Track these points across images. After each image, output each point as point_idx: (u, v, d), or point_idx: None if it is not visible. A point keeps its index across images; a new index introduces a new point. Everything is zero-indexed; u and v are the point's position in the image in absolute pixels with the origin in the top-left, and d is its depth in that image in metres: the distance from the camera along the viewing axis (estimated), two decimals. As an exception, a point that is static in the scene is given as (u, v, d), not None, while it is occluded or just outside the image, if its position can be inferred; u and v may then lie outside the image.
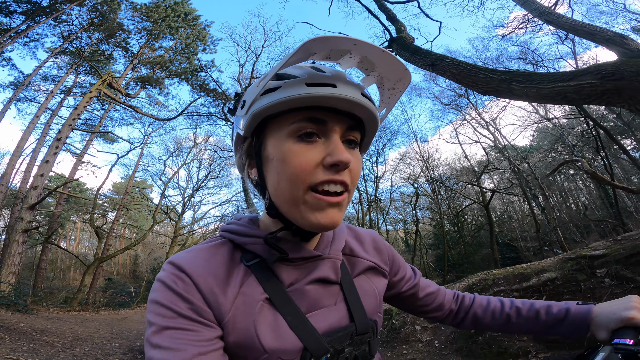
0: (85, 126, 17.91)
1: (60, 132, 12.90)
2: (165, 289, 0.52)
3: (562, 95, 3.61)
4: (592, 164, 15.60)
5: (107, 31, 14.80)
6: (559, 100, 3.78)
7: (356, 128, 0.56)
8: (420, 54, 5.73)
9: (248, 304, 0.54)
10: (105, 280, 20.64)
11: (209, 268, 0.55)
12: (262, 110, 0.52)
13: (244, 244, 0.60)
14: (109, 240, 17.65)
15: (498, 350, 3.66)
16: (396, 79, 0.59)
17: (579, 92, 3.45)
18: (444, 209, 20.18)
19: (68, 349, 5.48)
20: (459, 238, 19.45)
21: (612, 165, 11.46)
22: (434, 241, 23.11)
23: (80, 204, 21.15)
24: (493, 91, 4.48)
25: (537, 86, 3.84)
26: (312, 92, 0.50)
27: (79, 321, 8.91)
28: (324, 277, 0.61)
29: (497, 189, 17.20)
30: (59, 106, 16.28)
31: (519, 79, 4.09)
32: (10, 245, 10.58)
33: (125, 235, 29.26)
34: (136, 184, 25.31)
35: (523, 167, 15.37)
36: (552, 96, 3.73)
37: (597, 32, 4.75)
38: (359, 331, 0.62)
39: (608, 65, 3.39)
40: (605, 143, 12.54)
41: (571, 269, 4.37)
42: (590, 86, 3.34)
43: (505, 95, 4.50)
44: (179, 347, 0.47)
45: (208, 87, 16.67)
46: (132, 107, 14.67)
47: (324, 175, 0.51)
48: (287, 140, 0.53)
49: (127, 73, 16.21)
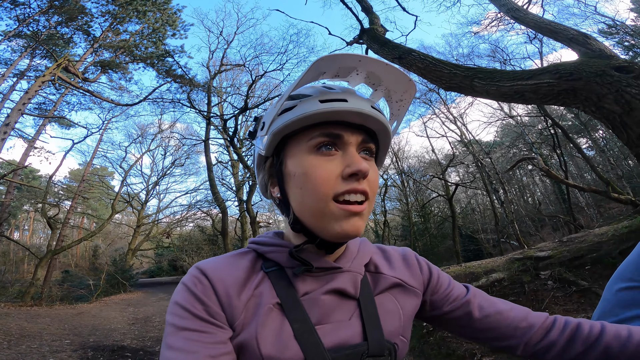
0: (38, 111, 16.59)
1: (9, 116, 11.83)
2: (185, 290, 0.54)
3: (520, 94, 3.64)
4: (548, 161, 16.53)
5: (68, 14, 13.70)
6: (517, 99, 3.80)
7: (370, 140, 0.58)
8: (388, 47, 5.74)
9: (257, 307, 0.55)
10: (62, 273, 19.50)
11: (229, 273, 0.57)
12: (281, 129, 0.56)
13: (266, 252, 0.61)
14: (65, 231, 16.64)
15: (447, 352, 3.74)
16: (402, 91, 0.62)
17: (537, 92, 3.48)
18: (411, 200, 20.73)
19: (14, 346, 5.22)
20: (425, 230, 20.09)
21: (567, 163, 12.14)
22: (402, 232, 23.78)
23: (32, 193, 19.75)
24: (456, 87, 4.51)
25: (497, 84, 3.84)
26: (326, 108, 0.53)
27: (29, 317, 8.38)
28: (340, 289, 0.59)
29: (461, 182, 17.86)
30: (11, 90, 14.94)
31: (481, 76, 4.11)
32: (-51, 238, 9.70)
33: (84, 226, 27.78)
34: (95, 171, 23.91)
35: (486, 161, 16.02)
36: (511, 94, 3.76)
37: (561, 30, 4.79)
38: (372, 352, 0.56)
39: (567, 65, 3.42)
40: (562, 141, 13.28)
41: (517, 269, 4.56)
42: (548, 86, 3.36)
43: (467, 92, 4.54)
44: (191, 349, 0.48)
45: (175, 73, 15.90)
46: (89, 92, 13.71)
47: (345, 186, 0.53)
48: (307, 155, 0.55)
49: (86, 57, 15.13)
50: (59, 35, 14.60)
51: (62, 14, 13.78)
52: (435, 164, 20.17)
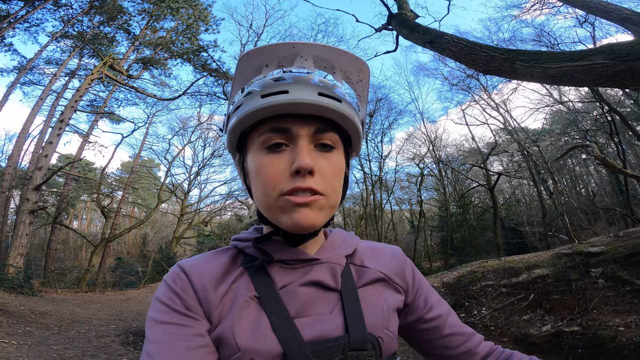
0: (90, 107, 18.02)
1: (63, 113, 12.95)
2: (165, 286, 0.55)
3: (570, 75, 3.34)
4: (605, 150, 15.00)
5: (108, 14, 14.65)
6: (566, 81, 3.51)
7: (329, 130, 0.56)
8: (418, 31, 5.46)
9: (234, 299, 0.54)
10: (115, 260, 21.16)
11: (207, 268, 0.57)
12: (233, 127, 0.56)
13: (244, 248, 0.62)
14: (117, 220, 18.01)
15: None
16: (357, 70, 0.59)
17: (589, 73, 3.19)
18: (449, 190, 19.91)
19: (63, 332, 5.58)
20: (463, 220, 19.23)
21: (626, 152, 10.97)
22: (438, 223, 22.97)
23: (88, 184, 21.53)
24: (495, 70, 4.25)
25: (542, 65, 3.57)
26: (264, 103, 0.52)
27: (82, 303, 9.15)
28: (319, 281, 0.58)
29: (504, 171, 16.75)
30: (64, 88, 16.36)
31: (523, 58, 3.83)
32: (17, 227, 10.81)
33: (135, 215, 29.84)
34: (143, 163, 25.55)
35: (533, 150, 14.82)
36: (559, 76, 3.47)
37: (612, 10, 4.45)
38: (353, 346, 0.53)
39: (623, 45, 3.11)
40: (620, 129, 12.00)
41: (564, 265, 4.15)
42: (602, 67, 3.07)
43: (507, 75, 4.27)
44: (169, 342, 0.48)
45: (210, 67, 16.40)
46: (134, 88, 14.59)
47: (290, 184, 0.52)
48: (258, 152, 0.55)
49: (129, 55, 16.09)
50: (103, 35, 15.64)
51: (102, 13, 14.70)
52: (475, 153, 19.03)
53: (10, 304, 6.55)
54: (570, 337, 3.08)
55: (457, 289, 5.04)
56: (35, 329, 5.37)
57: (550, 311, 3.63)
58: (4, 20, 12.77)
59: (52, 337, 5.07)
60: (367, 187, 20.06)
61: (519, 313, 3.83)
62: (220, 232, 22.58)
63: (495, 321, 3.87)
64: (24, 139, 14.77)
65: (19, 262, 9.79)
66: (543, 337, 3.24)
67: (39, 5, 13.42)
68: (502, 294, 4.35)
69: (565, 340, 3.06)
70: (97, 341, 5.32)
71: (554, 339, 3.15)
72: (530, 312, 3.78)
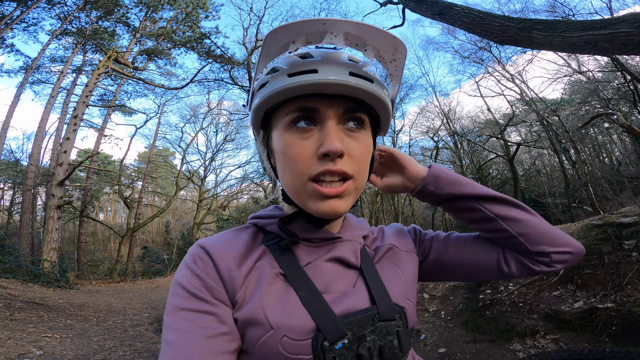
0: (101, 102, 18.30)
1: (76, 109, 13.13)
2: (185, 268, 0.53)
3: (592, 44, 3.24)
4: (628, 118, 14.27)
5: (104, 8, 14.56)
6: (588, 49, 3.41)
7: (358, 110, 0.54)
8: (426, 3, 5.23)
9: (260, 277, 0.54)
10: (141, 249, 21.95)
11: (230, 247, 0.56)
12: (258, 106, 0.54)
13: (265, 225, 0.61)
14: (139, 209, 18.56)
15: (505, 328, 3.49)
16: (392, 50, 0.56)
17: (612, 41, 3.10)
18: (466, 162, 19.50)
19: (101, 322, 5.78)
20: (482, 193, 18.89)
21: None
22: (456, 196, 22.69)
23: (109, 176, 22.12)
24: (511, 40, 4.10)
25: (562, 34, 3.49)
26: (292, 83, 0.49)
27: (115, 293, 9.55)
28: (342, 258, 0.59)
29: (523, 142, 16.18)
30: (73, 85, 16.62)
31: (540, 27, 3.73)
32: (46, 222, 11.24)
33: (156, 203, 30.68)
34: (159, 152, 26.03)
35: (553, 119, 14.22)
36: (581, 45, 3.38)
37: None
38: (382, 316, 0.55)
39: None
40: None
41: (596, 238, 3.98)
42: (626, 35, 2.98)
43: (525, 45, 4.13)
44: (187, 329, 0.47)
45: (215, 54, 16.26)
46: (141, 79, 14.65)
47: (320, 167, 0.50)
48: (285, 132, 0.53)
49: (132, 47, 16.07)
50: (103, 29, 15.65)
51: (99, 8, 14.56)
52: (492, 124, 18.42)
53: (49, 298, 6.83)
54: (604, 313, 2.98)
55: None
56: (75, 321, 5.56)
57: (582, 287, 3.51)
58: (1, 22, 12.81)
59: (92, 328, 5.24)
60: (380, 162, 19.91)
61: (549, 289, 3.71)
62: (238, 216, 23.05)
63: (523, 297, 3.77)
64: (41, 137, 15.19)
65: (53, 257, 10.20)
66: (575, 314, 3.16)
67: (32, 5, 13.39)
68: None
69: (598, 317, 2.98)
70: (133, 330, 5.55)
71: (587, 316, 3.07)
72: (561, 287, 3.67)
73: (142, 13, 15.47)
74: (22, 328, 4.41)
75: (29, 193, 14.49)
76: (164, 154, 27.73)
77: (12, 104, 13.45)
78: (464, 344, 3.59)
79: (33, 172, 14.35)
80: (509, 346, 3.25)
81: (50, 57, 16.20)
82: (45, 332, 4.45)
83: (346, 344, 0.50)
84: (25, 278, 8.18)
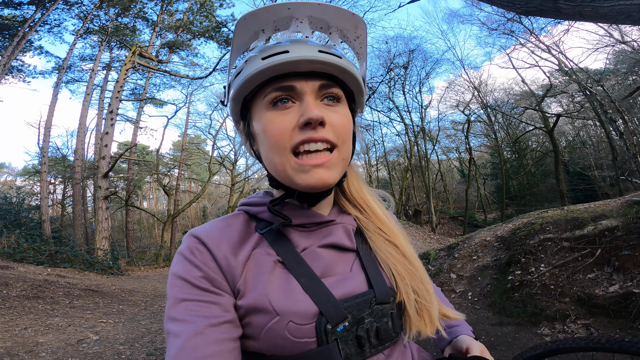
0: (133, 95, 19.13)
1: (110, 105, 13.83)
2: (183, 260, 0.54)
3: (626, 14, 2.99)
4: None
5: (121, 5, 14.89)
6: (621, 20, 3.13)
7: (333, 85, 0.56)
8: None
9: (259, 265, 0.55)
10: (182, 234, 23.17)
11: (223, 236, 0.57)
12: (236, 93, 0.56)
13: (257, 213, 0.62)
14: (178, 196, 19.53)
15: (533, 311, 3.38)
16: (353, 27, 0.59)
17: None
18: (501, 135, 18.51)
19: (149, 307, 6.18)
20: (519, 167, 17.96)
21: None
22: (491, 170, 21.74)
23: (148, 166, 23.33)
24: (536, 11, 3.76)
25: (592, 4, 3.17)
26: (265, 64, 0.51)
27: (161, 277, 10.24)
28: (337, 243, 0.61)
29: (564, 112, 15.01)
30: (105, 81, 17.45)
31: None
32: (96, 213, 12.15)
33: (192, 190, 32.06)
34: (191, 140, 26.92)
35: (597, 90, 13.00)
36: (613, 15, 3.09)
37: None
38: (379, 299, 0.58)
39: None
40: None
41: (636, 215, 3.65)
42: None
43: (551, 15, 3.76)
44: (191, 320, 0.48)
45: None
46: (166, 72, 15.06)
47: (301, 136, 0.52)
48: (264, 112, 0.55)
49: (153, 41, 16.47)
50: (124, 25, 16.05)
51: (115, 5, 14.86)
52: (528, 95, 17.10)
53: (103, 285, 7.44)
54: (641, 299, 2.84)
55: (512, 244, 4.65)
56: (127, 306, 6.00)
57: (619, 269, 3.27)
58: (24, 25, 13.37)
59: (140, 312, 5.65)
60: (410, 139, 19.35)
61: (583, 271, 3.50)
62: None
63: (555, 279, 3.59)
64: (83, 133, 16.19)
65: (105, 245, 11.00)
66: (609, 299, 2.98)
67: (51, 6, 13.86)
68: (564, 249, 3.94)
69: (634, 302, 2.82)
70: (173, 313, 6.00)
71: (622, 301, 2.89)
72: (597, 269, 3.44)
73: (158, 7, 15.75)
74: (81, 315, 4.85)
75: (78, 186, 15.68)
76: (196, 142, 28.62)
77: (52, 103, 14.28)
78: (490, 326, 3.54)
79: (80, 167, 15.44)
80: (536, 330, 3.17)
81: (80, 56, 17.04)
82: (101, 318, 4.85)
83: (347, 326, 0.53)
84: (81, 267, 8.89)
